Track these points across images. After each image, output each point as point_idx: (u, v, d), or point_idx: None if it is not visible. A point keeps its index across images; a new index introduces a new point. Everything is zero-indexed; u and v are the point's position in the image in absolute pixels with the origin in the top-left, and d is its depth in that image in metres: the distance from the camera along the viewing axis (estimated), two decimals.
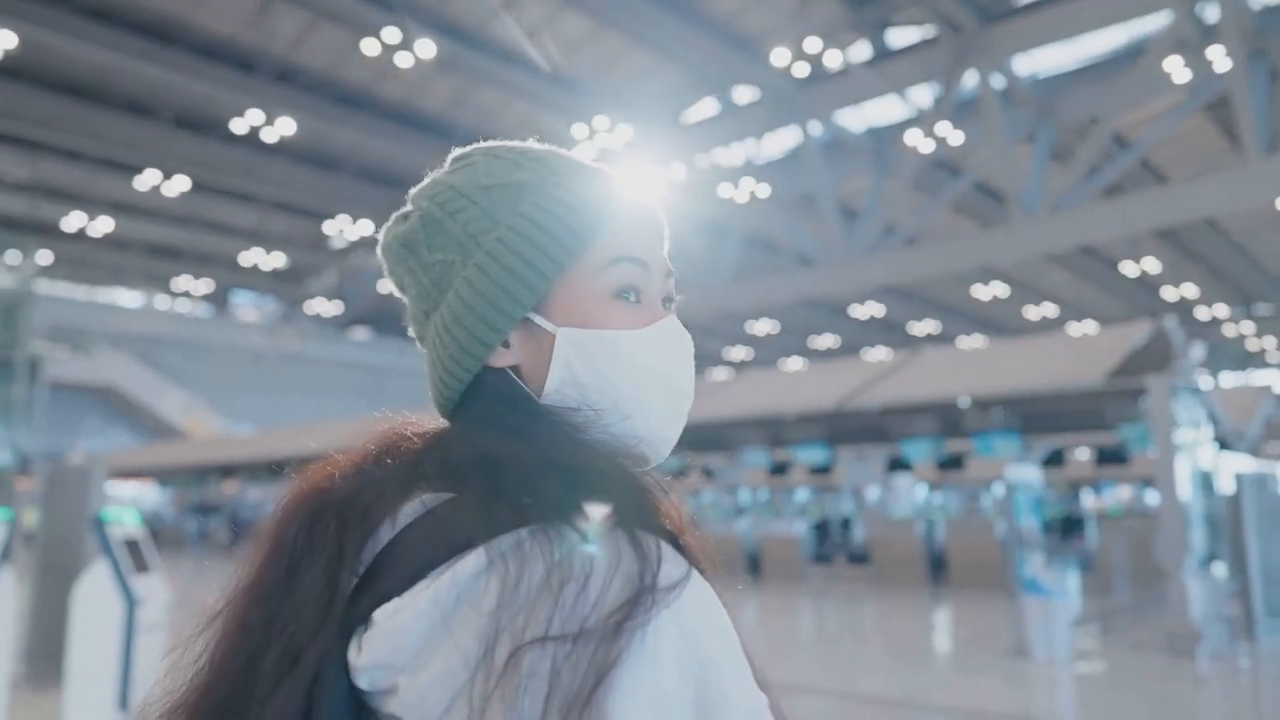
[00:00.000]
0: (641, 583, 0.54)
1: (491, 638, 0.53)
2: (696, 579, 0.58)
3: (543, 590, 0.54)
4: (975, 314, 31.04)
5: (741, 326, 32.23)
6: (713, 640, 0.55)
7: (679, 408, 0.72)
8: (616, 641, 0.52)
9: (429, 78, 18.49)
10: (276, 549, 0.64)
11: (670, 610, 0.54)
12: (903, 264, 17.44)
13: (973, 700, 6.76)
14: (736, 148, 19.32)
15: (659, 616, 0.54)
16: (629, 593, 0.54)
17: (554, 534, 0.57)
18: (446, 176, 0.76)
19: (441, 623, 0.55)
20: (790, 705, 2.86)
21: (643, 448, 0.71)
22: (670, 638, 0.53)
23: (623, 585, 0.54)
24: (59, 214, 23.99)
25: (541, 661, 0.52)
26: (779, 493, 17.01)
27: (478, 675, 0.53)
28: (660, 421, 0.71)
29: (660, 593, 0.54)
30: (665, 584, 0.55)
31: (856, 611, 12.52)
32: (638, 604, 0.53)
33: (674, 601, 0.55)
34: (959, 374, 12.22)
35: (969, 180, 17.27)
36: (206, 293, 32.66)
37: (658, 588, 0.55)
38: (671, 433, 0.72)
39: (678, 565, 0.58)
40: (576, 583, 0.54)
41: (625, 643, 0.52)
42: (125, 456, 26.51)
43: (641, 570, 0.55)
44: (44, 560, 7.09)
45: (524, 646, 0.52)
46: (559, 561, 0.55)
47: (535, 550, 0.56)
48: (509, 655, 0.52)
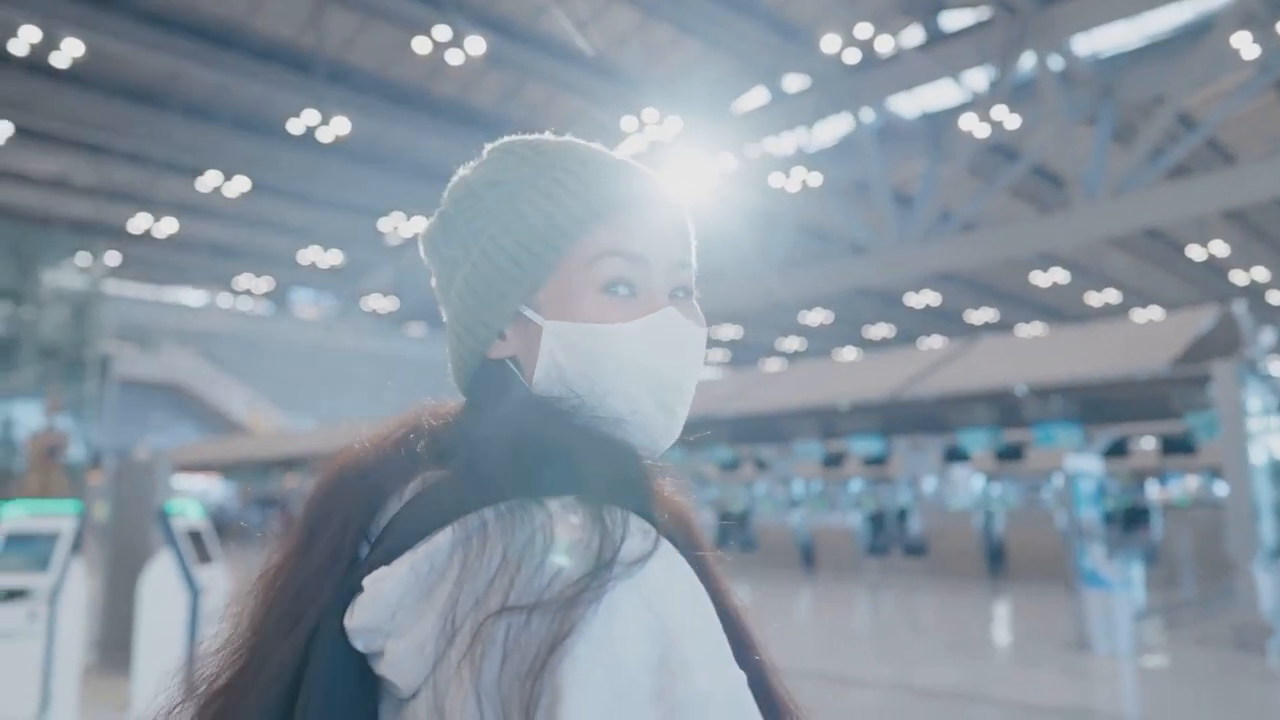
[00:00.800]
0: (600, 557, 0.56)
1: (455, 608, 0.56)
2: (665, 555, 0.59)
3: (503, 564, 0.57)
4: (1035, 301, 30.39)
5: (794, 317, 31.97)
6: (679, 614, 0.55)
7: (668, 401, 0.72)
8: (572, 612, 0.54)
9: (479, 74, 18.65)
10: (301, 522, 0.69)
11: (631, 583, 0.55)
12: (959, 251, 17.13)
13: (1031, 694, 6.65)
14: (787, 136, 19.14)
15: (617, 589, 0.55)
16: (587, 566, 0.56)
17: (519, 511, 0.59)
18: (468, 173, 0.79)
19: (418, 592, 0.59)
20: (846, 697, 2.86)
21: (633, 439, 0.71)
22: (629, 610, 0.54)
23: (581, 559, 0.56)
24: (125, 216, 24.70)
25: (500, 632, 0.54)
26: (833, 484, 16.87)
27: (445, 643, 0.56)
28: (648, 414, 0.71)
29: (620, 566, 0.56)
30: (627, 558, 0.56)
31: (913, 604, 12.38)
32: (595, 577, 0.55)
33: (635, 575, 0.56)
34: (1017, 362, 11.98)
35: (1027, 164, 16.90)
36: (266, 290, 33.39)
37: (618, 562, 0.56)
38: (662, 426, 0.72)
39: (643, 540, 0.58)
40: (536, 557, 0.57)
41: (581, 613, 0.54)
42: (190, 451, 27.25)
43: (601, 545, 0.57)
44: (113, 552, 7.33)
45: (485, 617, 0.55)
46: (521, 537, 0.58)
47: (500, 526, 0.59)
48: (471, 625, 0.55)
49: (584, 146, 0.77)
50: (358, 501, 0.67)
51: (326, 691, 0.60)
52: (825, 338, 35.72)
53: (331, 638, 0.61)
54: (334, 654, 0.61)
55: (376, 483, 0.67)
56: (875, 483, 16.39)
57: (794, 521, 16.59)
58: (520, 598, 0.55)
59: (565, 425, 0.68)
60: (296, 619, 0.63)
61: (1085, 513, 8.51)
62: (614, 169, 0.74)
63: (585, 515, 0.59)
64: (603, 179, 0.73)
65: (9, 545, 5.02)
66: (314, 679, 0.60)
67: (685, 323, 0.73)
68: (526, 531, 0.58)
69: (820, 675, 7.35)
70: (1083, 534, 8.26)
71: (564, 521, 0.58)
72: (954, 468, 15.66)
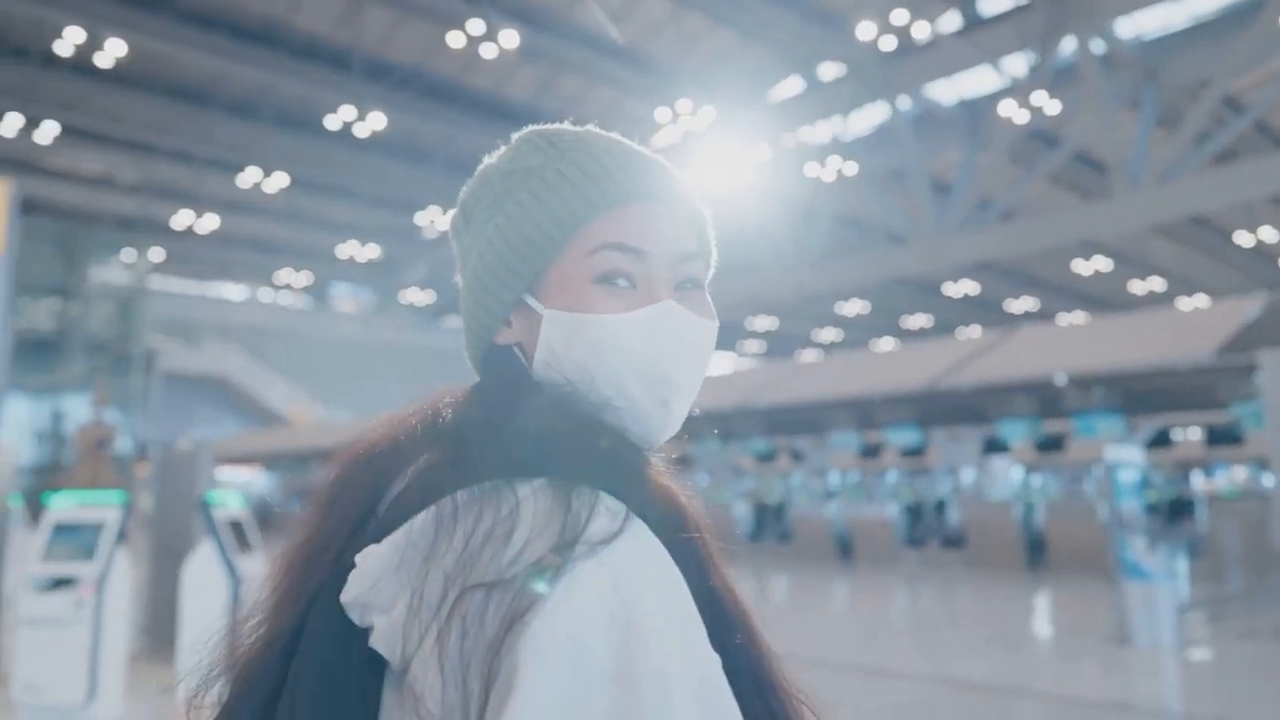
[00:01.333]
0: (563, 535, 0.57)
1: (424, 585, 0.58)
2: (634, 536, 0.59)
3: (468, 544, 0.58)
4: (1076, 290, 29.91)
5: (831, 308, 31.76)
6: (643, 594, 0.56)
7: (661, 393, 0.72)
8: (537, 588, 0.55)
9: (513, 68, 18.72)
10: (317, 503, 0.72)
11: (595, 562, 0.56)
12: (998, 239, 16.89)
13: (1071, 687, 6.56)
14: (823, 125, 19.00)
15: (579, 567, 0.56)
16: (550, 544, 0.57)
17: (490, 492, 0.61)
18: (488, 163, 0.81)
19: (398, 569, 0.60)
20: (883, 690, 2.85)
21: (628, 428, 0.72)
22: (591, 588, 0.55)
23: (545, 537, 0.57)
24: (169, 213, 25.17)
25: (463, 609, 0.56)
26: (870, 476, 16.75)
27: (414, 619, 0.58)
28: (640, 405, 0.72)
29: (584, 546, 0.57)
30: (593, 538, 0.57)
31: (951, 596, 12.27)
32: (566, 557, 0.56)
33: (600, 554, 0.57)
34: (1057, 352, 11.81)
35: (1068, 150, 16.62)
36: (306, 285, 33.85)
37: (582, 541, 0.57)
38: (656, 418, 0.72)
39: (611, 521, 0.59)
40: (502, 536, 0.58)
41: (549, 590, 0.55)
42: (234, 443, 27.73)
43: (564, 524, 0.58)
44: (157, 541, 7.49)
45: (450, 594, 0.57)
46: (488, 518, 0.59)
47: (472, 506, 0.61)
48: (436, 602, 0.57)
49: (601, 137, 0.78)
50: (365, 483, 0.69)
51: (315, 661, 0.62)
52: (862, 328, 35.45)
53: (326, 610, 0.63)
54: (328, 625, 0.63)
55: (384, 466, 0.69)
56: (913, 474, 16.25)
57: (830, 513, 16.50)
58: (485, 575, 0.57)
59: (553, 410, 0.69)
60: (301, 592, 0.66)
61: (1126, 504, 8.37)
62: (622, 161, 0.74)
63: (553, 497, 0.60)
64: (608, 171, 0.73)
65: (57, 535, 5.15)
66: (305, 649, 0.63)
67: (685, 316, 0.73)
68: (493, 513, 0.60)
69: (858, 667, 7.32)
70: (1124, 526, 8.13)
71: (530, 503, 0.60)
72: (993, 459, 15.47)
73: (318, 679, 0.61)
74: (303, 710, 0.60)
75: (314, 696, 0.61)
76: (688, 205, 0.76)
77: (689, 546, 0.65)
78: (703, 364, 0.75)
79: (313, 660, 0.62)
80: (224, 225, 26.14)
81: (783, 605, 12.41)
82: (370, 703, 0.61)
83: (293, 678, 0.62)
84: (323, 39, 17.56)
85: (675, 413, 0.73)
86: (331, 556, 0.66)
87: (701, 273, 0.76)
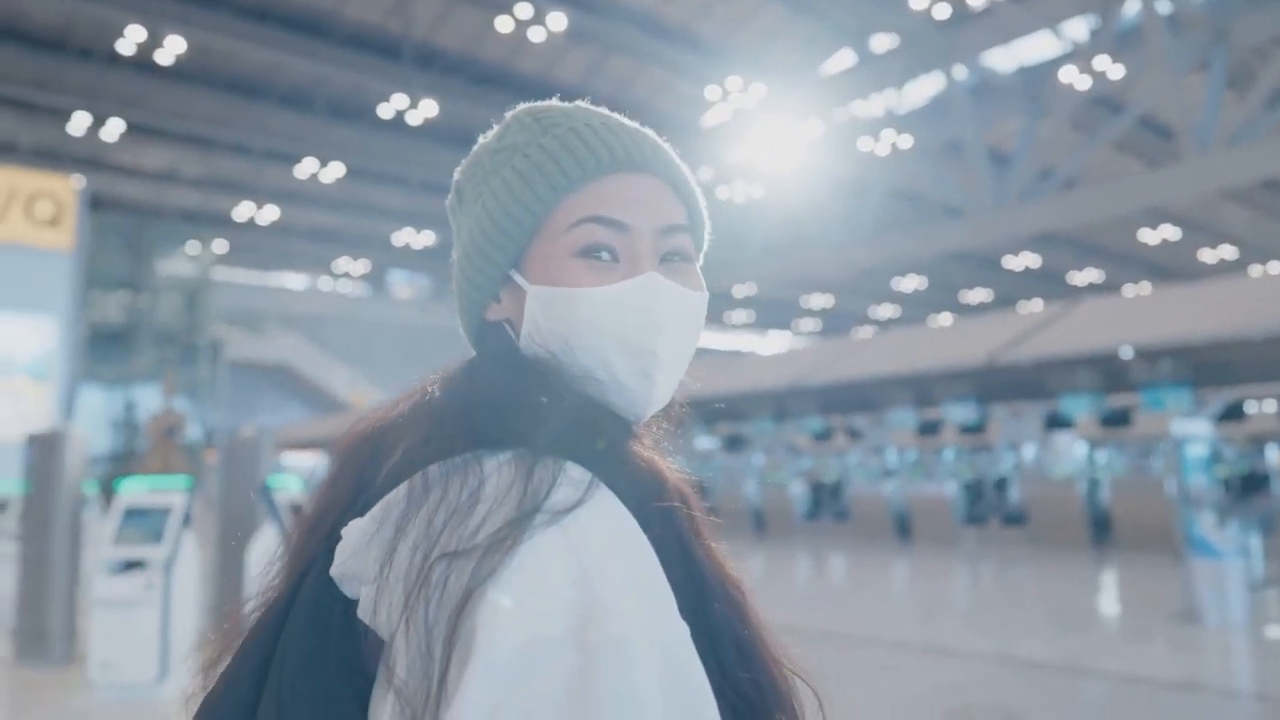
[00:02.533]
0: (523, 505, 0.58)
1: (393, 556, 0.60)
2: (598, 504, 0.60)
3: (435, 514, 0.60)
4: (1143, 259, 29.04)
5: (887, 284, 31.30)
6: (605, 561, 0.56)
7: (644, 367, 0.72)
8: (491, 558, 0.56)
9: (562, 51, 18.71)
10: (322, 481, 0.74)
11: (556, 529, 0.57)
12: (1060, 210, 16.44)
13: (1138, 666, 6.42)
14: (876, 99, 18.65)
15: (539, 536, 0.57)
16: (510, 514, 0.58)
17: (460, 465, 0.63)
18: (481, 142, 0.82)
19: (372, 541, 0.62)
20: (945, 669, 2.82)
21: (612, 402, 0.72)
22: (551, 556, 0.56)
23: (507, 507, 0.59)
24: (230, 205, 25.74)
25: (429, 578, 0.57)
26: (928, 453, 16.52)
27: (384, 589, 0.60)
28: (624, 379, 0.72)
29: (545, 515, 0.58)
30: (555, 507, 0.58)
31: (1013, 574, 12.07)
32: (518, 524, 0.57)
33: (562, 522, 0.57)
34: (1122, 323, 11.49)
35: (1133, 116, 16.07)
36: (364, 273, 34.40)
37: (543, 510, 0.58)
38: (640, 392, 0.72)
39: (574, 490, 0.60)
40: (465, 507, 0.60)
41: (500, 559, 0.56)
42: (297, 430, 28.36)
43: (523, 494, 0.59)
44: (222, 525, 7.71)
45: (416, 564, 0.58)
46: (454, 490, 0.61)
47: (441, 479, 0.62)
48: (403, 572, 0.59)
49: (587, 112, 0.78)
50: (362, 460, 0.71)
51: (300, 630, 0.64)
52: (920, 304, 34.90)
53: (315, 582, 0.65)
54: (314, 597, 0.65)
55: (380, 444, 0.71)
56: (972, 451, 15.98)
57: (888, 491, 16.32)
58: (447, 545, 0.58)
59: (528, 383, 0.70)
60: (297, 565, 0.69)
61: (1194, 480, 8.13)
62: (604, 134, 0.74)
63: (516, 468, 0.61)
64: (589, 145, 0.73)
65: (127, 519, 5.34)
66: (292, 619, 0.65)
67: (668, 288, 0.72)
68: (459, 485, 0.61)
69: (918, 646, 7.25)
70: (1192, 502, 7.90)
71: (495, 475, 0.61)
72: (1056, 435, 15.13)
73: (300, 649, 0.63)
74: (289, 675, 0.62)
75: (297, 668, 0.62)
76: (676, 179, 0.76)
77: (667, 517, 0.65)
78: (690, 336, 0.75)
79: (297, 630, 0.64)
80: (283, 216, 26.64)
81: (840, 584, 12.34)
82: (353, 670, 0.62)
83: (281, 646, 0.64)
84: (373, 28, 17.75)
85: (659, 385, 0.73)
86: (325, 531, 0.68)
87: (689, 246, 0.76)
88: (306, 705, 0.61)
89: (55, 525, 6.77)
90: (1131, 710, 5.45)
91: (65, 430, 7.11)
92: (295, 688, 0.61)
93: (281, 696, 0.61)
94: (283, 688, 0.62)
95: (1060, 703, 5.60)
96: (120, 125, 20.10)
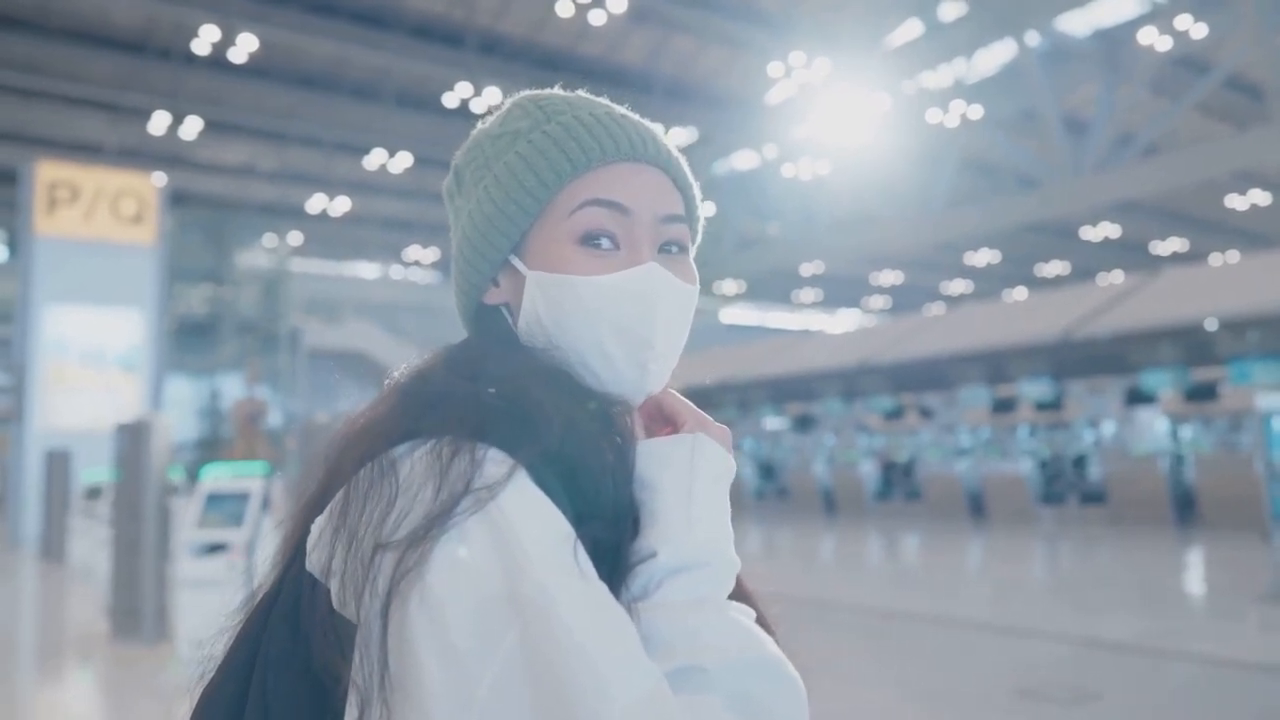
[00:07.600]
0: (440, 495, 0.59)
1: (333, 547, 0.63)
2: (517, 488, 0.60)
3: (365, 506, 0.62)
4: (1231, 226, 27.84)
5: (959, 259, 30.61)
6: (528, 541, 0.57)
7: (640, 357, 0.72)
8: (420, 547, 0.57)
9: (624, 33, 18.67)
10: (316, 470, 0.75)
11: (481, 514, 0.58)
12: (1141, 177, 15.84)
13: (1225, 648, 6.22)
14: (944, 69, 18.18)
15: (466, 522, 0.58)
16: (430, 504, 0.59)
17: (399, 456, 0.64)
18: (480, 128, 0.83)
19: (324, 535, 0.65)
20: (1020, 648, 2.81)
21: (610, 390, 0.73)
22: (479, 540, 0.57)
23: (427, 497, 0.60)
24: (304, 197, 26.38)
25: (367, 568, 0.59)
26: (1002, 431, 16.15)
27: (337, 580, 0.62)
28: (618, 367, 0.73)
29: (470, 499, 0.59)
30: (478, 488, 0.59)
31: (1093, 553, 11.77)
32: (445, 512, 0.59)
33: (486, 505, 0.59)
34: (1206, 294, 11.07)
35: (1219, 77, 15.38)
36: (434, 260, 34.95)
37: (468, 494, 0.59)
38: (633, 380, 0.73)
39: (497, 469, 0.61)
40: (389, 499, 0.61)
41: (430, 548, 0.57)
42: None
43: (441, 483, 0.60)
44: None
45: (353, 554, 0.61)
46: (385, 480, 0.63)
47: (376, 471, 0.64)
48: (341, 563, 0.61)
49: (589, 101, 0.79)
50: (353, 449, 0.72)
51: (278, 623, 0.67)
52: (993, 278, 34.06)
53: (296, 571, 0.68)
54: (296, 589, 0.67)
55: (372, 429, 0.72)
56: (1049, 428, 15.58)
57: (961, 470, 16.03)
58: (380, 535, 0.60)
59: (530, 373, 0.70)
60: (284, 555, 0.71)
61: None
62: (607, 123, 0.75)
63: (438, 456, 0.62)
64: (592, 133, 0.74)
65: (209, 504, 5.55)
66: (275, 613, 0.67)
67: (667, 279, 0.73)
68: (390, 476, 0.63)
69: (998, 628, 7.14)
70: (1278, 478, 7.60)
71: (421, 463, 0.62)
72: (1137, 410, 14.65)
73: (278, 642, 0.66)
74: (269, 668, 0.65)
75: (274, 661, 0.65)
76: (674, 171, 0.77)
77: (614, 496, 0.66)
78: (683, 328, 0.76)
79: (276, 623, 0.67)
80: (355, 206, 27.20)
81: (913, 564, 12.19)
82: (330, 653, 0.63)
83: (265, 639, 0.67)
84: (436, 18, 17.95)
85: (653, 374, 0.74)
86: (306, 518, 0.70)
87: (685, 237, 0.77)
88: (282, 701, 0.64)
89: (144, 510, 7.08)
90: (1217, 693, 5.29)
91: (150, 419, 7.40)
92: (272, 682, 0.65)
93: (265, 689, 0.65)
94: (265, 682, 0.65)
95: (1141, 684, 5.46)
96: (198, 123, 20.73)
